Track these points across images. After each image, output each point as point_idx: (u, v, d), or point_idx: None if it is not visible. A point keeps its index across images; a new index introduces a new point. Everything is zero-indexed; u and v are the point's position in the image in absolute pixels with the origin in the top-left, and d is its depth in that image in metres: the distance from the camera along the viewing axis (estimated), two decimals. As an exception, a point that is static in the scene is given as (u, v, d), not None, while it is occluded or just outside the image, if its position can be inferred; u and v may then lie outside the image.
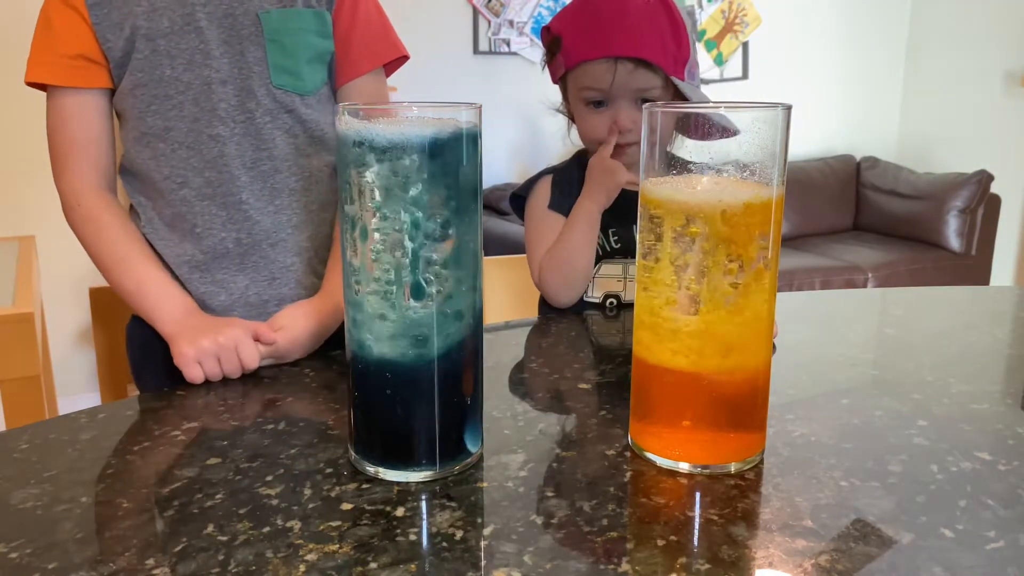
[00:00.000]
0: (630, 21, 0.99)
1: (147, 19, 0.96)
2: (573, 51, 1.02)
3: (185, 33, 0.97)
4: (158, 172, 1.00)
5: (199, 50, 0.97)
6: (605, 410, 0.72)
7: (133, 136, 1.01)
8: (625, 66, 0.99)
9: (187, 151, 0.99)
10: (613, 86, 1.00)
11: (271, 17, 0.99)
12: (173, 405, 0.76)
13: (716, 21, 3.70)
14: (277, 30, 0.99)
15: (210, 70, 0.98)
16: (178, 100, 0.98)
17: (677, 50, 1.01)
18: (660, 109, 0.59)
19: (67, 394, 2.67)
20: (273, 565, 0.49)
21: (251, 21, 0.98)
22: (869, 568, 0.49)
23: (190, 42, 0.97)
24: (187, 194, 1.00)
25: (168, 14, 0.96)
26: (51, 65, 0.97)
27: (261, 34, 0.99)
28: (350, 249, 0.58)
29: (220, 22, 0.98)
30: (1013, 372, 0.84)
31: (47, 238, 2.60)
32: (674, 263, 0.59)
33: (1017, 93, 3.65)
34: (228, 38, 0.98)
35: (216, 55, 0.98)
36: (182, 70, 0.97)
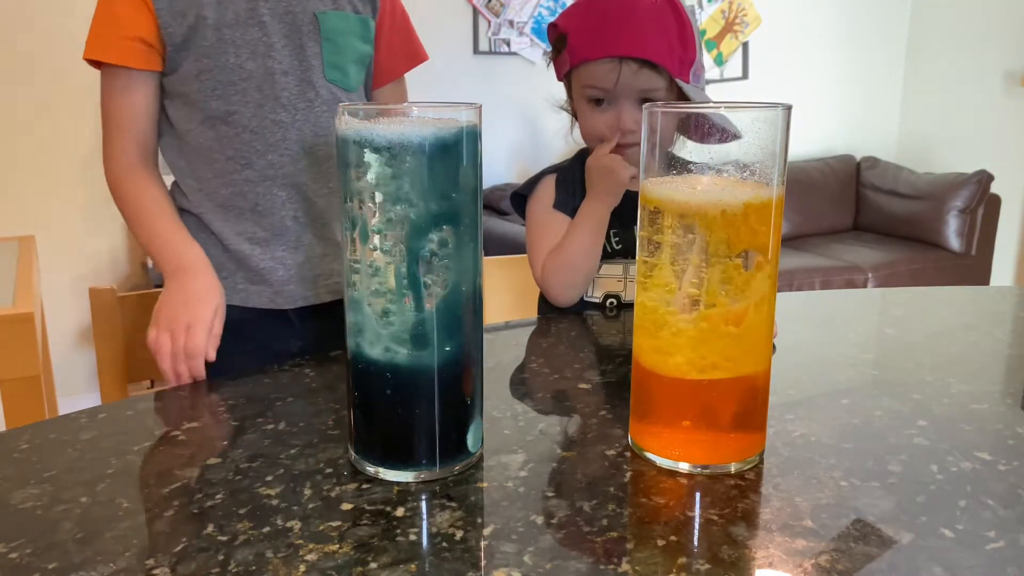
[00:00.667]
0: (637, 21, 0.99)
1: (213, 10, 1.03)
2: (578, 49, 1.02)
3: (249, 25, 1.05)
4: (221, 153, 1.08)
5: (262, 41, 1.05)
6: (605, 410, 0.72)
7: (196, 118, 1.08)
8: (630, 66, 0.98)
9: (251, 135, 1.07)
10: (617, 86, 1.00)
11: (327, 17, 1.09)
12: (173, 405, 0.76)
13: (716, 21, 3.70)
14: (331, 29, 1.09)
15: (272, 60, 1.06)
16: (242, 87, 1.06)
17: (683, 52, 1.00)
18: (660, 109, 0.59)
19: (67, 394, 2.67)
20: (273, 565, 0.49)
21: (309, 19, 1.08)
22: (869, 568, 0.49)
23: (254, 34, 1.05)
24: (250, 175, 1.08)
25: (233, 6, 1.04)
26: (111, 45, 1.04)
27: (318, 31, 1.08)
28: (350, 249, 0.58)
29: (281, 18, 1.06)
30: (1013, 372, 0.84)
31: (47, 238, 2.60)
32: (674, 263, 0.59)
33: (1017, 93, 3.65)
34: (288, 32, 1.07)
35: (278, 47, 1.06)
36: (246, 58, 1.05)
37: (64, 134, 2.69)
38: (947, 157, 3.91)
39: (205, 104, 1.07)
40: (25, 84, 2.62)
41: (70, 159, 2.71)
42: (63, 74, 2.66)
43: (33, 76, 2.62)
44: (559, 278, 1.03)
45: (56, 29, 2.63)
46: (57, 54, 2.64)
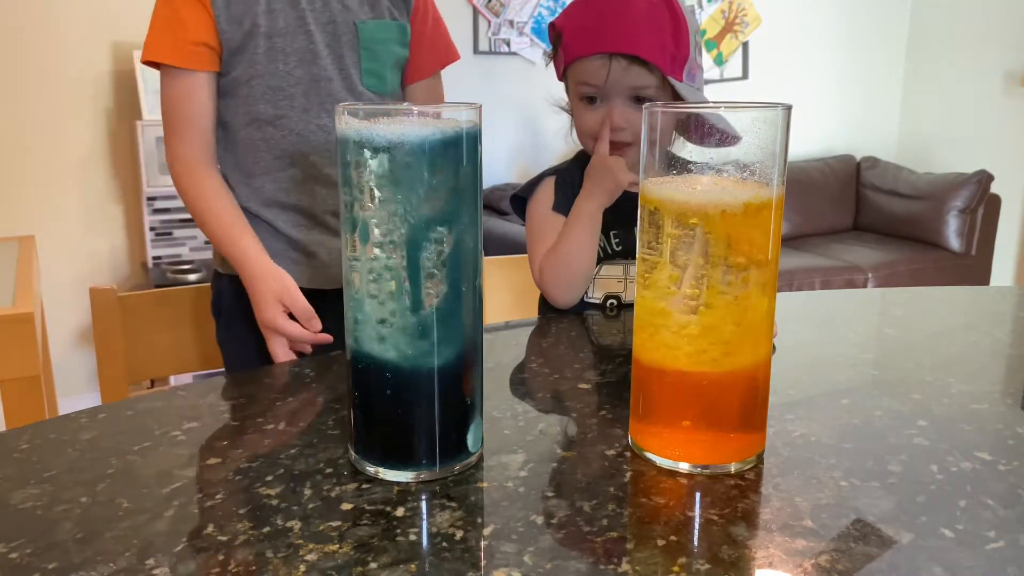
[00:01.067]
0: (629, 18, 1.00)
1: (265, 18, 1.11)
2: (572, 46, 1.03)
3: (297, 34, 1.12)
4: (268, 152, 1.15)
5: (309, 50, 1.13)
6: (605, 410, 0.72)
7: (245, 119, 1.15)
8: (619, 63, 0.99)
9: (296, 137, 1.14)
10: (607, 82, 1.00)
11: (367, 27, 1.16)
12: (173, 405, 0.76)
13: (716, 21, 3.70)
14: (371, 38, 1.16)
15: (318, 68, 1.13)
16: (290, 92, 1.13)
17: (676, 49, 1.00)
18: (660, 109, 0.59)
19: (67, 394, 2.67)
20: (273, 565, 0.49)
21: (350, 29, 1.15)
22: (869, 568, 0.49)
23: (301, 42, 1.12)
24: (295, 174, 1.16)
25: (283, 15, 1.11)
26: (178, 49, 1.10)
27: (357, 41, 1.15)
28: (350, 248, 0.58)
29: (324, 27, 1.14)
30: (1013, 372, 0.84)
31: (47, 238, 2.60)
32: (674, 263, 0.59)
33: (1017, 93, 3.65)
34: (331, 42, 1.14)
35: (323, 55, 1.14)
36: (294, 65, 1.12)
37: (64, 134, 2.69)
38: (947, 157, 3.91)
39: (255, 107, 1.13)
40: (25, 84, 2.62)
41: (70, 159, 2.71)
42: (63, 74, 2.66)
43: (33, 76, 2.63)
44: (557, 279, 1.03)
45: (57, 29, 2.63)
46: (57, 54, 2.64)
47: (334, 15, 1.14)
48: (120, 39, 2.71)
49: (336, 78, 1.15)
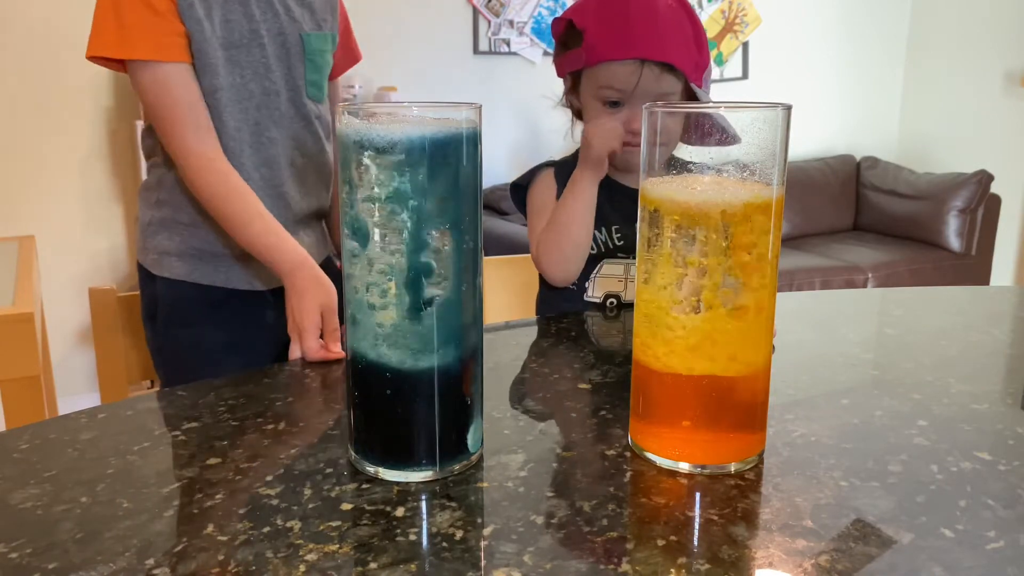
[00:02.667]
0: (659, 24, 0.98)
1: (222, 28, 1.10)
2: (599, 48, 1.00)
3: (252, 47, 1.12)
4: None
5: (262, 63, 1.13)
6: (605, 410, 0.72)
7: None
8: (652, 70, 0.97)
9: (250, 150, 1.15)
10: (637, 88, 0.98)
11: (311, 38, 1.17)
12: (173, 405, 0.76)
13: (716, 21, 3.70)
14: (314, 50, 1.18)
15: (269, 82, 1.14)
16: (245, 105, 1.13)
17: (699, 56, 1.00)
18: (660, 109, 0.59)
19: (67, 394, 2.67)
20: (273, 565, 0.49)
21: (296, 41, 1.16)
22: (869, 568, 0.49)
23: (256, 55, 1.13)
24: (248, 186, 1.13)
25: (238, 27, 1.11)
26: (157, 43, 1.07)
27: (303, 52, 1.17)
28: (350, 248, 0.58)
29: (275, 39, 1.14)
30: (1013, 372, 0.84)
31: (47, 238, 2.60)
32: (674, 263, 0.59)
33: (1017, 93, 3.65)
34: (280, 54, 1.15)
35: (274, 68, 1.14)
36: (249, 79, 1.13)
37: (64, 134, 2.69)
38: (947, 157, 3.91)
39: (218, 120, 1.11)
40: (25, 84, 2.62)
41: (70, 159, 2.71)
42: (63, 74, 2.66)
43: (33, 76, 2.63)
44: (552, 253, 1.02)
45: (56, 29, 2.63)
46: (57, 54, 2.64)
47: (283, 27, 1.14)
48: (120, 39, 2.70)
49: (284, 91, 1.16)
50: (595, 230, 1.07)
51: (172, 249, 1.18)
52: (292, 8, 1.16)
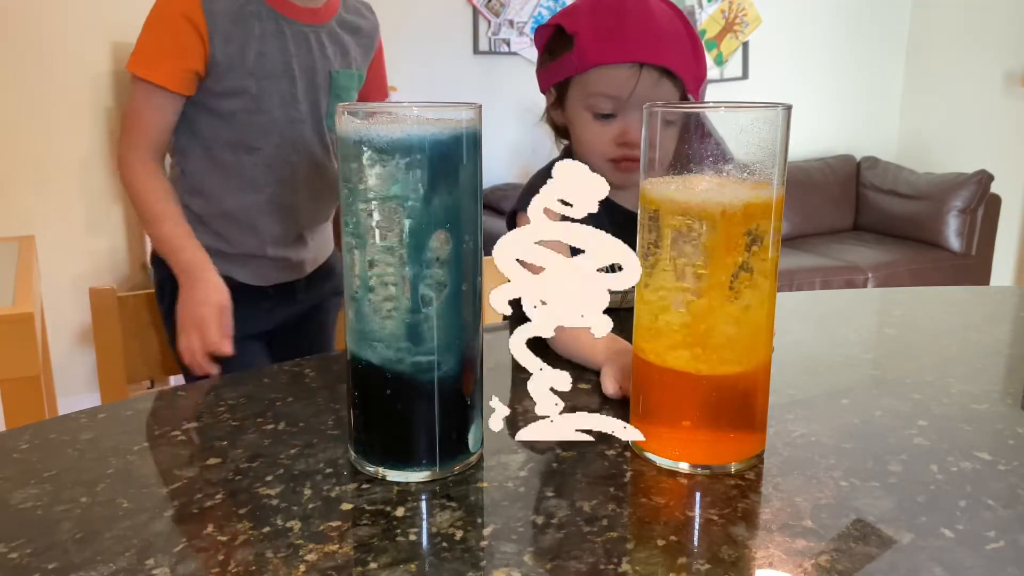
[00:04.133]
0: (657, 28, 0.91)
1: (257, 61, 1.20)
2: (591, 52, 0.91)
3: (282, 79, 1.23)
4: (237, 175, 1.26)
5: (290, 93, 1.24)
6: (605, 410, 0.72)
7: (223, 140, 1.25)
8: (650, 74, 0.90)
9: (266, 168, 1.26)
10: (633, 95, 0.91)
11: (339, 76, 1.29)
12: (173, 405, 0.76)
13: (716, 21, 3.70)
14: (340, 86, 1.29)
15: (295, 111, 1.25)
16: (269, 129, 1.24)
17: (696, 68, 0.94)
18: (660, 109, 0.59)
19: (67, 394, 2.67)
20: (273, 565, 0.49)
21: (324, 77, 1.27)
22: (869, 568, 0.49)
23: (284, 86, 1.23)
24: (257, 198, 1.27)
25: (271, 60, 1.21)
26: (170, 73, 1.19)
27: (329, 88, 1.28)
28: (349, 248, 0.58)
29: (304, 74, 1.25)
30: (1013, 372, 0.84)
31: (47, 238, 2.60)
32: (674, 263, 0.59)
33: (1017, 93, 3.65)
34: (308, 87, 1.26)
35: (300, 99, 1.25)
36: (276, 106, 1.23)
37: (64, 134, 2.69)
38: (947, 157, 3.91)
39: (235, 135, 1.24)
40: (25, 84, 2.62)
41: (70, 159, 2.71)
42: (63, 74, 2.66)
43: (33, 76, 2.63)
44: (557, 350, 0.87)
45: (57, 29, 2.63)
46: (57, 54, 2.64)
47: (314, 62, 1.25)
48: (120, 39, 2.71)
49: (308, 120, 1.26)
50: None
51: None
52: (326, 46, 1.27)
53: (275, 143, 1.24)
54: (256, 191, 1.27)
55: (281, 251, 1.32)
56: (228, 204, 1.27)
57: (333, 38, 1.28)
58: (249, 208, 1.28)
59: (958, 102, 3.90)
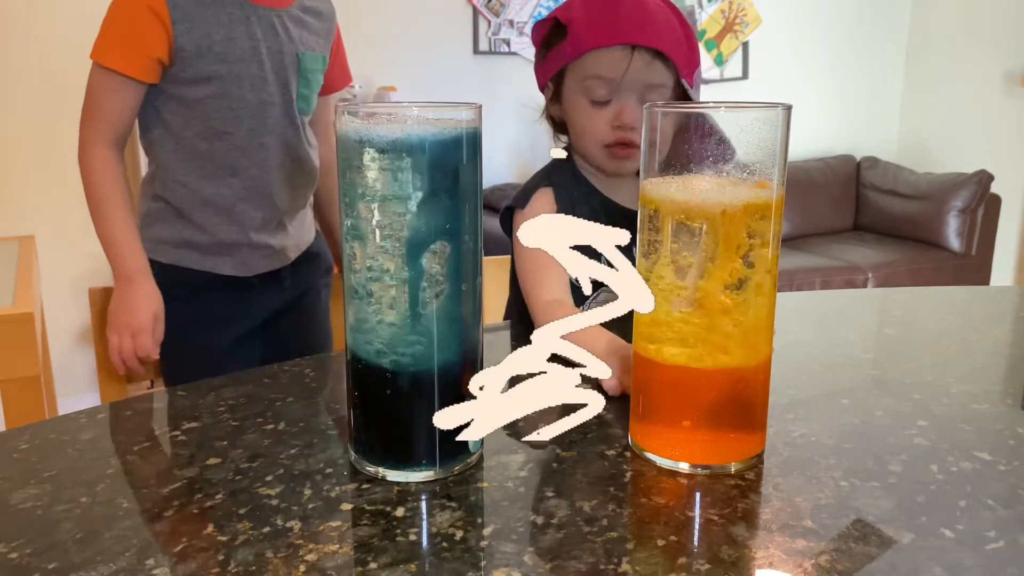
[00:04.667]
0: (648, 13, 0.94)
1: (223, 45, 1.22)
2: (586, 37, 0.94)
3: (251, 62, 1.25)
4: (212, 162, 1.27)
5: (259, 77, 1.26)
6: (605, 410, 0.72)
7: (195, 129, 1.26)
8: (643, 56, 0.92)
9: (239, 152, 1.27)
10: (626, 76, 0.92)
11: (306, 58, 1.31)
12: (173, 405, 0.76)
13: (716, 21, 3.70)
14: (307, 68, 1.31)
15: (266, 93, 1.27)
16: (240, 113, 1.25)
17: (690, 54, 0.96)
18: (660, 109, 0.59)
19: (67, 394, 2.67)
20: (273, 565, 0.49)
21: (292, 60, 1.29)
22: (869, 568, 0.49)
23: (254, 70, 1.25)
24: (233, 183, 1.28)
25: (239, 44, 1.23)
26: (132, 61, 1.20)
27: (298, 70, 1.30)
28: (349, 248, 0.58)
29: (273, 56, 1.27)
30: (1013, 372, 0.84)
31: (47, 238, 2.60)
32: (674, 263, 0.59)
33: (1017, 93, 3.65)
34: (277, 70, 1.28)
35: (270, 81, 1.27)
36: (247, 90, 1.25)
37: (64, 134, 2.68)
38: (947, 157, 3.91)
39: (206, 122, 1.25)
40: (25, 84, 2.62)
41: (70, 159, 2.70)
42: (63, 74, 2.66)
43: (33, 76, 2.62)
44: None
45: (56, 29, 2.63)
46: (57, 54, 2.64)
47: (281, 46, 1.28)
48: (120, 39, 2.70)
49: (279, 103, 1.28)
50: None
51: (165, 238, 1.31)
52: (290, 29, 1.29)
53: (247, 127, 1.26)
54: (232, 176, 1.28)
55: (263, 237, 1.33)
56: (205, 192, 1.28)
57: (296, 21, 1.30)
58: (226, 195, 1.29)
59: (958, 102, 3.90)
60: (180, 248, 1.31)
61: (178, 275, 1.30)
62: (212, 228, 1.30)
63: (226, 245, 1.31)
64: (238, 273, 1.33)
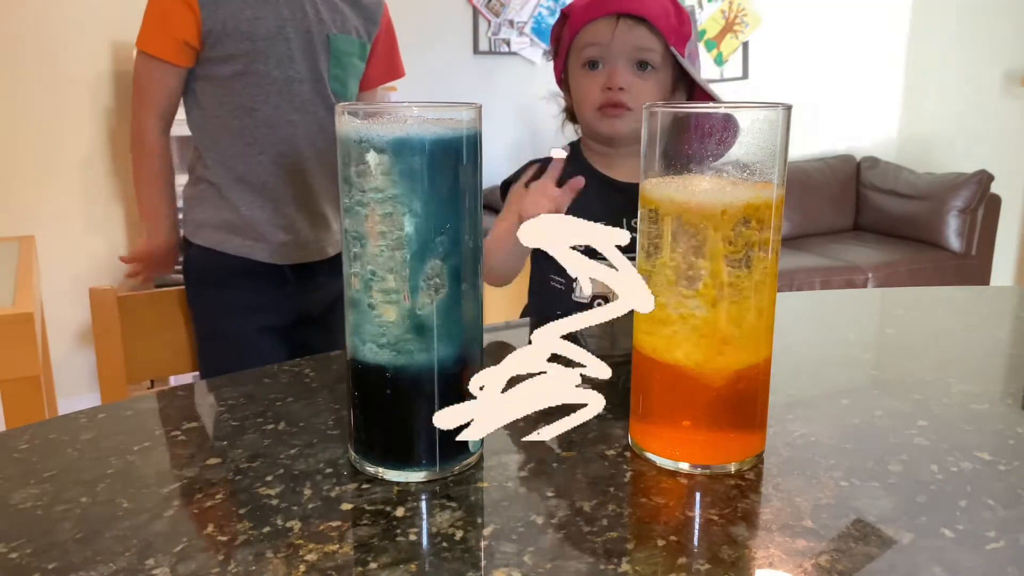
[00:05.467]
0: None
1: (249, 24, 1.29)
2: (577, 16, 1.05)
3: (277, 40, 1.30)
4: (241, 138, 1.35)
5: (286, 55, 1.31)
6: (605, 410, 0.72)
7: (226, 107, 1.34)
8: (626, 22, 1.01)
9: (268, 129, 1.33)
10: (613, 41, 1.02)
11: (337, 39, 1.36)
12: (173, 405, 0.76)
13: (716, 21, 3.70)
14: (338, 49, 1.36)
15: (292, 71, 1.32)
16: (267, 89, 1.31)
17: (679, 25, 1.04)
18: (660, 109, 0.59)
19: (67, 394, 2.67)
20: (273, 565, 0.49)
21: (322, 40, 1.35)
22: (869, 568, 0.49)
23: (280, 48, 1.31)
24: (263, 160, 1.35)
25: (265, 23, 1.29)
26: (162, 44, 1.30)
27: (328, 50, 1.35)
28: (349, 247, 0.58)
29: (302, 36, 1.32)
30: (1013, 372, 0.84)
31: (47, 238, 2.60)
32: (674, 264, 0.59)
33: (1017, 93, 3.65)
34: (306, 48, 1.33)
35: (298, 60, 1.32)
36: (273, 67, 1.31)
37: (64, 134, 2.69)
38: (947, 157, 3.91)
39: (235, 99, 1.32)
40: (25, 84, 2.62)
41: (70, 159, 2.71)
42: (63, 74, 2.66)
43: (33, 76, 2.63)
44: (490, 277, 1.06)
45: (57, 29, 2.63)
46: (57, 54, 2.64)
47: (310, 26, 1.32)
48: (120, 39, 2.71)
49: (308, 80, 1.33)
50: None
51: (204, 220, 1.39)
52: (321, 11, 1.33)
53: (274, 103, 1.31)
54: (261, 152, 1.33)
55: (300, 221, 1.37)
56: (238, 169, 1.34)
57: (330, 5, 1.35)
58: (257, 170, 1.34)
59: (958, 102, 3.90)
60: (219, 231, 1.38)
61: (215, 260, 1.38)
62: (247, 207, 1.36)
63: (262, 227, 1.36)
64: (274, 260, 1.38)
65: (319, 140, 1.36)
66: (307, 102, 1.34)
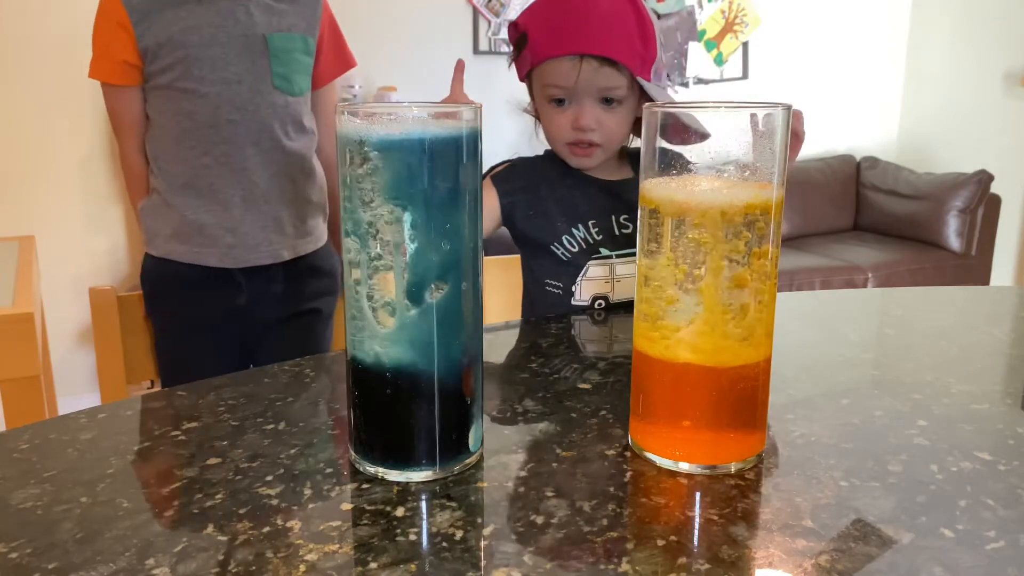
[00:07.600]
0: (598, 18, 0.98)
1: (183, 35, 1.33)
2: (539, 47, 1.00)
3: (211, 46, 1.34)
4: (184, 143, 1.37)
5: (220, 58, 1.34)
6: (605, 410, 0.72)
7: (166, 114, 1.37)
8: (590, 64, 0.97)
9: (209, 130, 1.36)
10: (577, 83, 0.98)
11: (275, 38, 1.38)
12: (173, 405, 0.76)
13: (716, 21, 3.70)
14: (278, 48, 1.38)
15: (228, 73, 1.35)
16: (204, 92, 1.34)
17: (644, 50, 0.99)
18: (660, 109, 0.59)
19: (67, 394, 2.67)
20: (273, 565, 0.49)
21: (259, 41, 1.37)
22: (869, 568, 0.49)
23: (214, 52, 1.34)
24: (207, 161, 1.37)
25: (199, 32, 1.33)
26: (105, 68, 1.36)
27: (267, 50, 1.37)
28: (348, 248, 0.58)
29: (236, 40, 1.35)
30: (1013, 372, 0.84)
31: (47, 238, 2.60)
32: (674, 264, 0.59)
33: (1017, 93, 3.65)
34: (242, 51, 1.35)
35: (233, 62, 1.35)
36: (208, 71, 1.34)
37: (64, 134, 2.69)
38: (947, 157, 3.91)
39: (176, 104, 1.35)
40: (25, 84, 2.62)
41: (70, 159, 2.71)
42: (63, 74, 2.66)
43: (33, 76, 2.63)
44: None
45: (57, 29, 2.63)
46: (57, 54, 2.64)
47: (244, 30, 1.36)
48: (120, 39, 2.70)
49: (245, 81, 1.36)
50: (573, 228, 1.07)
51: (157, 229, 1.41)
52: (255, 14, 1.37)
53: (213, 104, 1.35)
54: (204, 153, 1.36)
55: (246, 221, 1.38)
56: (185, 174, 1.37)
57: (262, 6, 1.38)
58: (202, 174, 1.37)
59: (958, 102, 3.90)
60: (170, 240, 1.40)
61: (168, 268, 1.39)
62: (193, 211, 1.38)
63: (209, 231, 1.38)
64: (223, 264, 1.39)
65: (264, 140, 1.38)
66: (247, 102, 1.36)
